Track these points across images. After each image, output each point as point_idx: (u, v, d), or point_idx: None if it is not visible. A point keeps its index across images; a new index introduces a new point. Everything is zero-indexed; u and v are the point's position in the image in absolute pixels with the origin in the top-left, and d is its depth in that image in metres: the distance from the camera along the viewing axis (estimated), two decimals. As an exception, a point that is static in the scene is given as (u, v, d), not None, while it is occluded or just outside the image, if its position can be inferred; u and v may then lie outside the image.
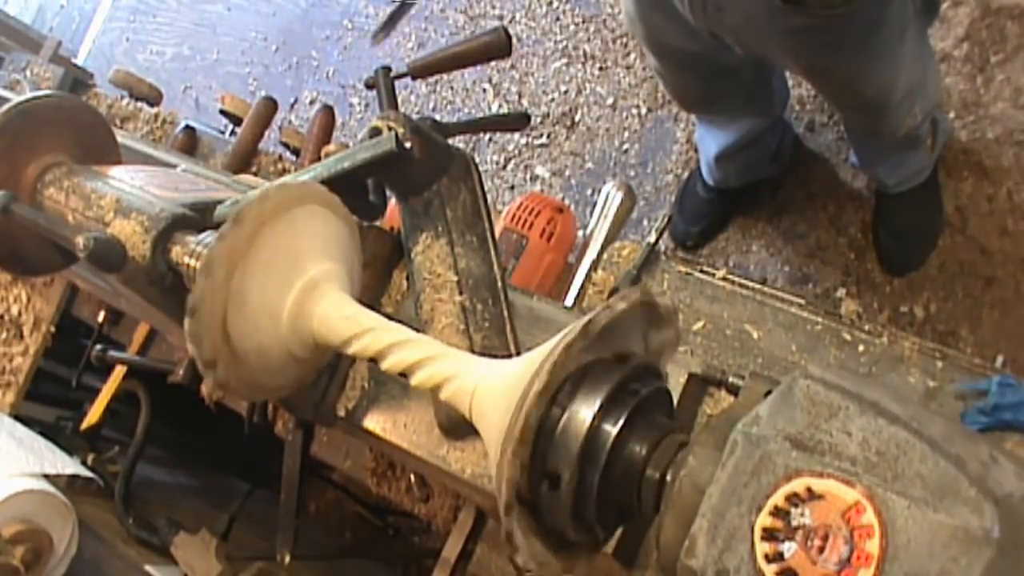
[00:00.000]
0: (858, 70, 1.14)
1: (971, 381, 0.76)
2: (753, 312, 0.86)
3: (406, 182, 0.83)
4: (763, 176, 1.78)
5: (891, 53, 1.13)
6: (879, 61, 1.13)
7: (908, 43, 1.16)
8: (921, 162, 1.57)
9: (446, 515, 1.10)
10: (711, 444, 0.51)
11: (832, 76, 1.17)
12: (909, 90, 1.25)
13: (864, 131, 1.44)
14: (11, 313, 1.35)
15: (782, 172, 1.79)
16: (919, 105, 1.32)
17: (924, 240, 1.68)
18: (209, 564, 1.06)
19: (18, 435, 1.10)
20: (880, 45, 1.09)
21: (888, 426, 0.46)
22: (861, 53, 1.08)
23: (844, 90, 1.23)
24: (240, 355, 0.65)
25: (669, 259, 0.95)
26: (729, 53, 1.22)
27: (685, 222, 1.85)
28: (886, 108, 1.26)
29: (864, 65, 1.13)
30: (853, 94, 1.23)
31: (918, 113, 1.33)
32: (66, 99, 0.92)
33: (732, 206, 1.83)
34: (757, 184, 1.79)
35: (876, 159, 1.59)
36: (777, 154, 1.72)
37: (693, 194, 1.84)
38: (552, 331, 0.56)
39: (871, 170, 1.65)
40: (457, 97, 2.28)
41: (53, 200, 0.81)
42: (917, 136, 1.45)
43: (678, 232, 1.87)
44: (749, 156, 1.65)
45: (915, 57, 1.22)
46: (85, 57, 2.99)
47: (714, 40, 1.18)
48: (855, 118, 1.37)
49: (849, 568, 0.44)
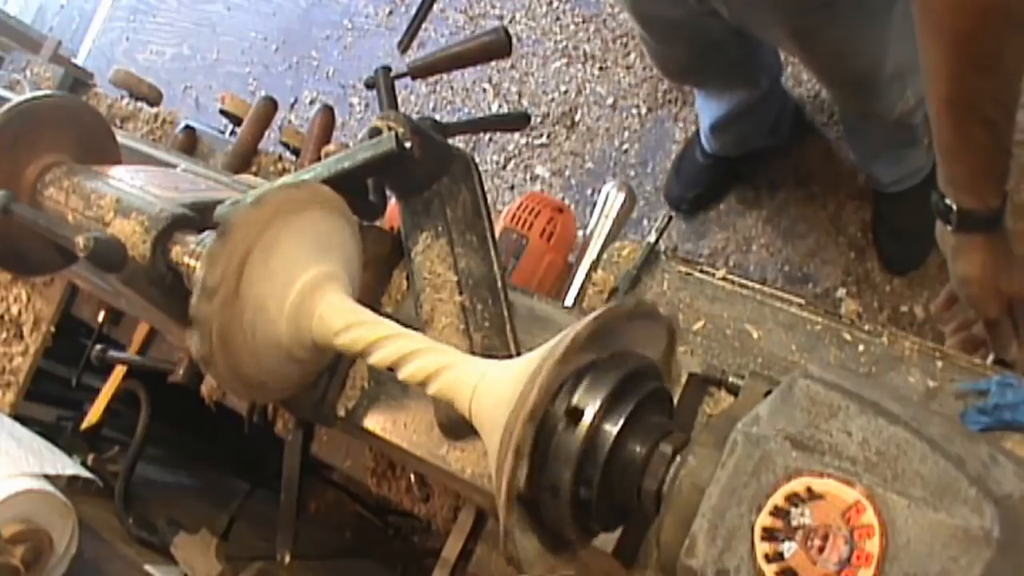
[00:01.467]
0: (845, 38, 1.12)
1: (971, 381, 0.76)
2: (753, 312, 0.86)
3: (406, 182, 0.83)
4: (761, 146, 1.77)
5: (878, 22, 1.12)
6: (867, 30, 1.12)
7: (896, 16, 1.15)
8: (919, 161, 1.57)
9: (446, 515, 1.10)
10: (711, 444, 0.51)
11: (819, 44, 1.16)
12: (899, 70, 1.24)
13: (856, 113, 1.43)
14: (11, 313, 1.35)
15: (784, 143, 1.78)
16: (911, 89, 1.30)
17: (923, 239, 1.67)
18: (209, 564, 1.06)
19: (18, 435, 1.10)
20: (867, 11, 1.08)
21: (888, 426, 0.46)
22: (848, 20, 1.07)
23: (831, 62, 1.21)
24: (240, 356, 0.65)
25: (669, 259, 0.95)
26: (714, 22, 1.20)
27: (680, 187, 1.85)
28: (875, 85, 1.25)
29: (851, 33, 1.11)
30: (841, 67, 1.22)
31: (911, 97, 1.32)
32: (66, 99, 0.92)
33: (729, 175, 1.82)
34: (756, 154, 1.79)
35: (873, 154, 1.58)
36: (776, 126, 1.71)
37: (691, 159, 1.84)
38: (552, 331, 0.56)
39: (869, 167, 1.65)
40: (457, 97, 2.28)
41: (53, 200, 0.81)
42: (912, 128, 1.44)
43: (673, 196, 1.87)
44: (744, 127, 1.64)
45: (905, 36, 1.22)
46: (85, 57, 2.99)
47: (700, 5, 1.17)
48: (844, 96, 1.36)
49: (849, 568, 0.44)
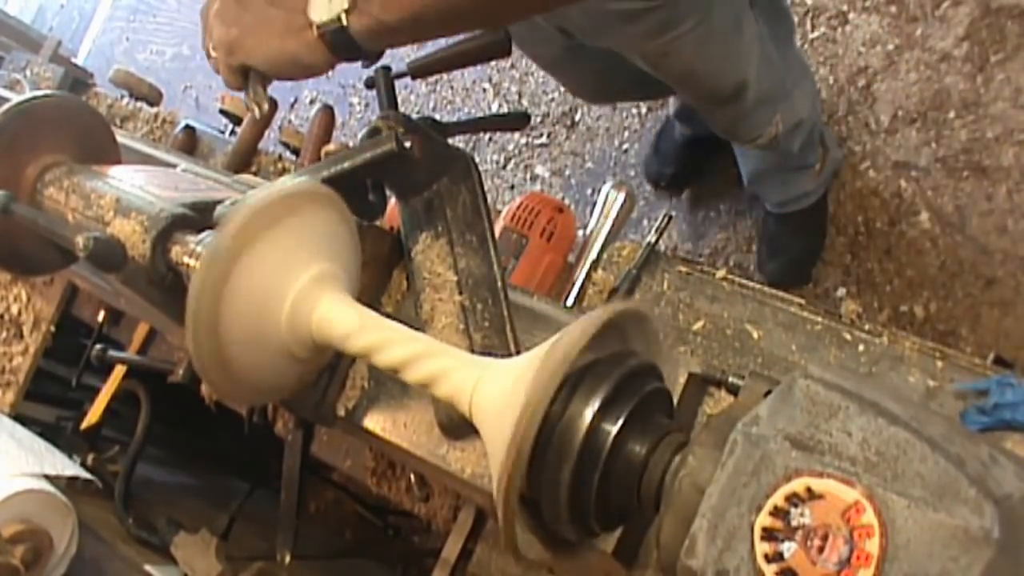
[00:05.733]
0: (695, 58, 1.13)
1: (971, 381, 0.76)
2: (753, 312, 0.86)
3: (406, 182, 0.83)
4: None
5: (726, 41, 1.13)
6: (716, 50, 1.12)
7: (748, 38, 1.16)
8: (806, 186, 1.59)
9: (446, 515, 1.10)
10: (711, 444, 0.51)
11: (671, 65, 1.16)
12: (765, 96, 1.26)
13: (725, 133, 1.43)
14: (11, 313, 1.35)
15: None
16: (781, 114, 1.32)
17: (802, 261, 1.72)
18: (209, 564, 1.06)
19: (18, 435, 1.10)
20: (712, 32, 1.08)
21: (888, 426, 0.46)
22: (694, 42, 1.07)
23: (687, 80, 1.22)
24: (239, 358, 0.65)
25: (669, 259, 0.95)
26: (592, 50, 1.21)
27: (659, 162, 1.87)
28: (739, 107, 1.26)
29: (700, 54, 1.11)
30: (698, 85, 1.22)
31: (779, 123, 1.33)
32: (66, 99, 0.92)
33: (705, 155, 1.83)
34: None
35: (756, 176, 1.61)
36: None
37: (669, 137, 1.85)
38: (552, 331, 0.56)
39: (755, 187, 1.67)
40: (457, 97, 2.28)
41: (53, 200, 0.81)
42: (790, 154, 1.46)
43: (651, 172, 1.89)
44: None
45: (770, 63, 1.24)
46: (85, 57, 2.99)
47: (567, 39, 1.17)
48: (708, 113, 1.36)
49: (849, 568, 0.44)
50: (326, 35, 0.74)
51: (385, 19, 0.73)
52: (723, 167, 1.80)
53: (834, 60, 1.78)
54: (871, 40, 1.76)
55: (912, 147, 1.70)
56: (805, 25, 1.82)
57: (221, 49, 0.78)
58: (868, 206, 1.73)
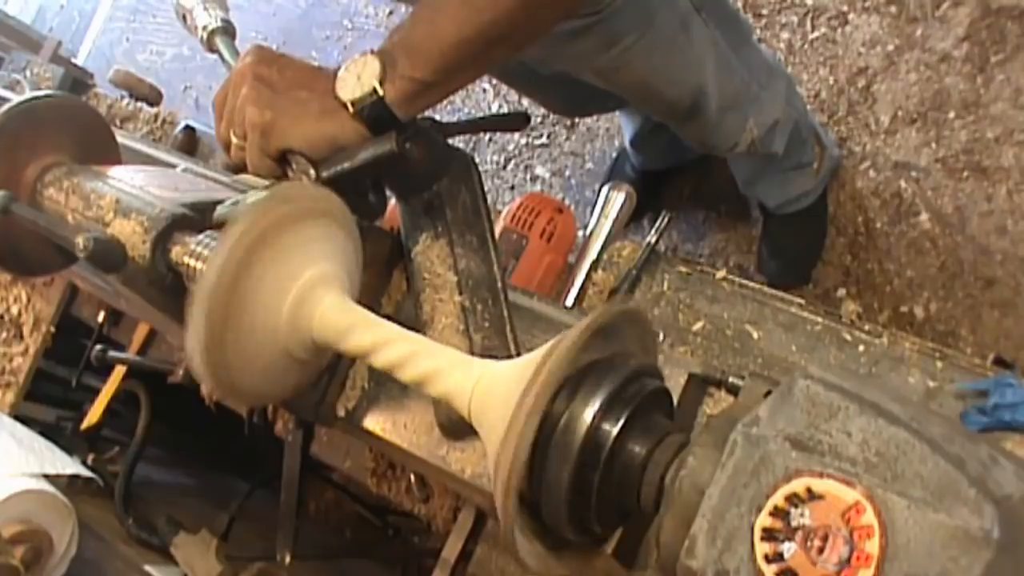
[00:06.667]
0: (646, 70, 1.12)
1: (971, 381, 0.76)
2: (753, 312, 0.86)
3: (406, 182, 0.83)
4: (686, 159, 1.77)
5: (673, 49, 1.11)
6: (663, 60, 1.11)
7: (699, 44, 1.14)
8: (805, 185, 1.59)
9: (446, 515, 1.10)
10: (711, 444, 0.51)
11: (623, 79, 1.15)
12: (731, 102, 1.24)
13: (698, 144, 1.41)
14: (11, 313, 1.35)
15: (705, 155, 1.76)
16: (754, 119, 1.30)
17: (802, 262, 1.72)
18: (209, 564, 1.06)
19: (18, 435, 1.10)
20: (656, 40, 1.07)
21: (888, 426, 0.46)
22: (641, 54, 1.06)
23: (644, 93, 1.21)
24: (239, 360, 0.65)
25: (669, 259, 0.95)
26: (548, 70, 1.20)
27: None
28: (702, 119, 1.24)
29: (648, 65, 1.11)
30: (655, 98, 1.21)
31: (754, 128, 1.31)
32: (66, 99, 0.92)
33: (656, 189, 1.83)
34: (681, 168, 1.81)
35: (750, 180, 1.60)
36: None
37: (621, 172, 1.86)
38: (552, 331, 0.56)
39: (750, 192, 1.66)
40: (457, 97, 2.28)
41: (53, 200, 0.81)
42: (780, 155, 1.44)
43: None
44: (664, 139, 1.61)
45: (724, 66, 1.21)
46: (85, 57, 2.99)
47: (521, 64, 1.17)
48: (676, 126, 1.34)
49: (849, 568, 0.44)
50: (362, 111, 0.75)
51: (417, 76, 0.74)
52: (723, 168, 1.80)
53: (834, 60, 1.78)
54: (871, 40, 1.76)
55: (912, 147, 1.70)
56: (805, 25, 1.82)
57: (255, 132, 0.77)
58: (868, 206, 1.73)
